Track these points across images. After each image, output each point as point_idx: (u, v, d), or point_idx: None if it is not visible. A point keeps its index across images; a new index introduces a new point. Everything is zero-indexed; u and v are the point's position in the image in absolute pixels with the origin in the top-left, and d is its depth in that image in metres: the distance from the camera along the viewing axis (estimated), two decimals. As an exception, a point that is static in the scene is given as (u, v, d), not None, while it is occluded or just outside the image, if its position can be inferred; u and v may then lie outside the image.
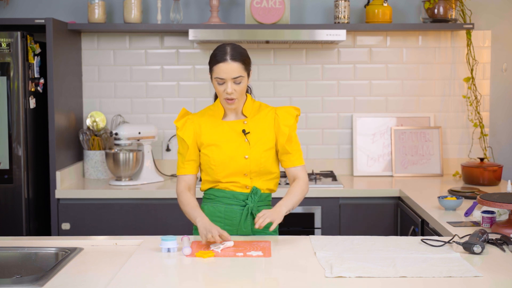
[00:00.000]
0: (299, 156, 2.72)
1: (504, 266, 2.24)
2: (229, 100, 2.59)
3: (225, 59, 2.54)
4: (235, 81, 2.56)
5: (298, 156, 2.72)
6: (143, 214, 3.83)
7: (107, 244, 2.57)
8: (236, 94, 2.58)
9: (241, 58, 2.57)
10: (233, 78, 2.55)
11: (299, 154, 2.72)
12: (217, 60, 2.56)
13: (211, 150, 2.66)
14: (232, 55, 2.55)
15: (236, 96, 2.59)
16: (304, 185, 2.71)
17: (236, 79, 2.56)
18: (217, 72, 2.56)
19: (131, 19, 4.17)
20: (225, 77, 2.55)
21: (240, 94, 2.60)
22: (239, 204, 2.69)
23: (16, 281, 2.10)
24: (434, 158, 4.35)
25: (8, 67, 3.71)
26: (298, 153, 2.72)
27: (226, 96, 2.58)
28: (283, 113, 2.70)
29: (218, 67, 2.55)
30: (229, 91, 2.56)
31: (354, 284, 2.06)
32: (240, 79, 2.57)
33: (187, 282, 2.11)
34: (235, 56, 2.56)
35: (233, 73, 2.55)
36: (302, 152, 2.75)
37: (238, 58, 2.56)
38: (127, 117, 4.40)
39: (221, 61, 2.55)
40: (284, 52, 4.39)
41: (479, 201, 2.72)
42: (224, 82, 2.57)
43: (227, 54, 2.55)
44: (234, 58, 2.55)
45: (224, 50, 2.57)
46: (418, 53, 4.40)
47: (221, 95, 2.60)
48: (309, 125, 4.43)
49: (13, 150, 3.75)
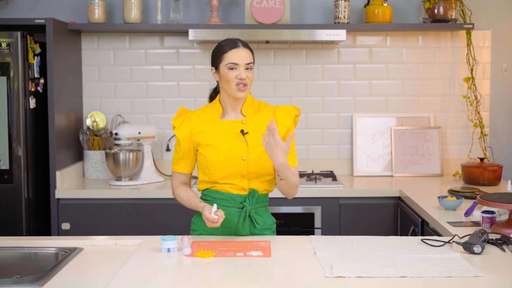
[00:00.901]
0: (292, 158, 2.67)
1: (504, 266, 2.24)
2: (241, 85, 2.62)
3: (238, 45, 2.63)
4: (247, 67, 2.63)
5: (291, 157, 2.67)
6: (143, 214, 3.83)
7: (107, 244, 2.57)
8: (248, 80, 2.63)
9: (250, 47, 2.68)
10: (246, 63, 2.62)
11: (292, 155, 2.68)
12: (227, 48, 2.63)
13: (208, 151, 2.65)
14: (243, 43, 2.66)
15: (248, 82, 2.63)
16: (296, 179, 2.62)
17: (248, 65, 2.63)
18: (229, 58, 2.61)
19: (131, 19, 4.17)
20: (238, 62, 2.61)
21: (251, 81, 2.65)
22: (237, 206, 2.68)
23: (16, 281, 2.10)
24: (434, 158, 4.35)
25: (8, 67, 3.71)
26: (292, 154, 2.68)
27: (238, 81, 2.61)
28: (282, 113, 2.70)
29: (230, 53, 2.62)
30: (243, 76, 2.60)
31: (354, 284, 2.06)
32: (251, 65, 2.64)
33: (187, 282, 2.11)
34: (245, 44, 2.66)
35: (246, 58, 2.62)
36: (296, 154, 2.73)
37: (248, 46, 2.67)
38: (127, 117, 4.40)
39: (234, 48, 2.62)
40: (284, 52, 4.39)
41: (479, 201, 2.72)
42: (236, 68, 2.61)
43: (238, 42, 2.65)
44: (246, 46, 2.66)
45: (233, 40, 2.66)
46: (418, 53, 4.40)
47: (232, 81, 2.61)
48: (309, 125, 4.43)
49: (13, 150, 3.75)
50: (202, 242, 2.55)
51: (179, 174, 2.76)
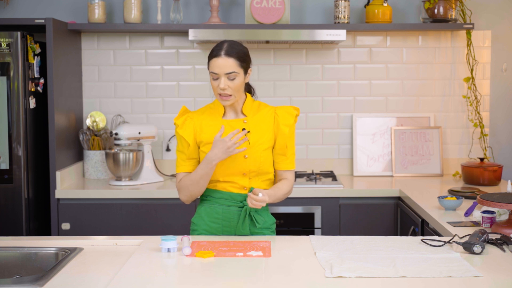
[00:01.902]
0: (292, 160, 2.74)
1: (504, 266, 2.24)
2: (222, 96, 2.60)
3: (220, 54, 2.57)
4: (228, 77, 2.57)
5: (292, 159, 2.74)
6: (143, 214, 3.83)
7: (107, 244, 2.57)
8: (230, 90, 2.58)
9: (237, 54, 2.58)
10: (226, 73, 2.57)
11: (293, 158, 2.74)
12: (212, 55, 2.59)
13: (210, 149, 2.65)
14: (227, 51, 2.57)
15: (231, 92, 2.59)
16: (291, 186, 2.74)
17: (230, 75, 2.57)
18: (212, 67, 2.58)
19: (131, 19, 4.17)
20: (218, 72, 2.57)
21: (235, 90, 2.60)
22: (237, 205, 2.68)
23: (16, 281, 2.10)
24: (434, 158, 4.35)
25: (8, 67, 3.71)
26: (293, 157, 2.74)
27: (219, 91, 2.59)
28: (283, 113, 2.71)
29: (212, 61, 2.58)
30: (222, 86, 2.57)
31: (354, 284, 2.06)
32: (234, 75, 2.57)
33: (187, 282, 2.11)
34: (229, 52, 2.57)
35: (226, 68, 2.56)
36: (295, 156, 2.77)
37: (233, 54, 2.57)
38: (127, 117, 4.40)
39: (215, 56, 2.58)
40: (284, 52, 4.39)
41: (479, 201, 2.72)
42: (218, 78, 2.58)
43: (223, 49, 2.58)
44: (228, 54, 2.57)
45: (220, 46, 2.60)
46: (418, 53, 4.40)
47: (215, 90, 2.61)
48: (309, 125, 4.43)
49: (13, 150, 3.75)
50: (202, 242, 2.55)
51: (184, 174, 2.70)
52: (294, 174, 2.78)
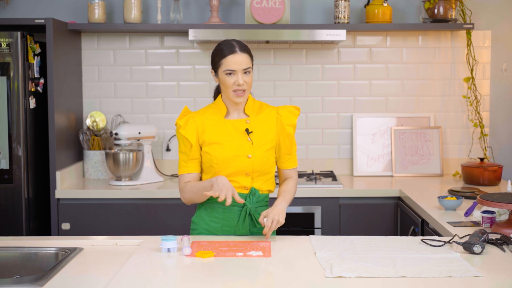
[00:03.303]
0: (296, 157, 2.81)
1: (504, 266, 2.24)
2: (239, 92, 2.62)
3: (235, 51, 2.61)
4: (245, 72, 2.62)
5: (295, 158, 2.81)
6: (143, 214, 3.83)
7: (107, 244, 2.57)
8: (246, 85, 2.63)
9: (248, 50, 2.66)
10: (244, 69, 2.61)
11: (295, 156, 2.81)
12: (225, 53, 2.61)
13: (213, 149, 2.65)
14: (240, 47, 2.63)
15: (246, 87, 2.63)
16: (296, 184, 2.82)
17: (246, 70, 2.62)
18: (227, 64, 2.60)
19: (131, 19, 4.17)
20: (236, 68, 2.60)
21: (249, 86, 2.65)
22: (237, 205, 2.68)
23: (16, 281, 2.10)
24: (434, 158, 4.35)
25: (8, 67, 3.71)
26: (295, 155, 2.81)
27: (236, 87, 2.61)
28: (286, 113, 2.72)
29: (227, 59, 2.60)
30: (240, 82, 2.60)
31: (354, 284, 2.06)
32: (249, 70, 2.63)
33: (187, 282, 2.11)
34: (242, 48, 2.63)
35: (243, 64, 2.61)
36: (296, 155, 2.83)
37: (245, 50, 2.64)
38: (127, 117, 4.40)
39: (231, 53, 2.60)
40: (284, 52, 4.39)
41: (479, 201, 2.72)
42: (234, 74, 2.61)
43: (235, 46, 2.62)
44: (242, 50, 2.62)
45: (231, 44, 2.63)
46: (418, 53, 4.40)
47: (230, 87, 2.62)
48: (309, 125, 4.43)
49: (13, 150, 3.75)
50: (202, 242, 2.55)
51: (188, 175, 2.69)
52: (297, 171, 2.84)
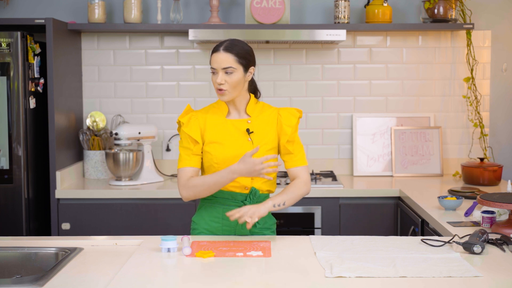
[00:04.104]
0: (301, 157, 2.73)
1: (504, 266, 2.24)
2: (219, 90, 2.63)
3: (218, 49, 2.62)
4: (225, 72, 2.60)
5: (300, 156, 2.73)
6: (143, 214, 3.83)
7: (107, 244, 2.57)
8: (226, 85, 2.61)
9: (236, 50, 2.61)
10: (223, 68, 2.60)
11: (301, 155, 2.73)
12: (212, 50, 2.64)
13: (214, 148, 2.65)
14: (226, 47, 2.61)
15: (227, 87, 2.61)
16: (302, 183, 2.70)
17: (227, 69, 2.60)
18: (211, 62, 2.64)
19: (131, 19, 4.17)
20: (216, 67, 2.61)
21: (232, 86, 2.62)
22: (238, 205, 2.68)
23: (16, 281, 2.10)
24: (434, 158, 4.35)
25: (8, 67, 3.71)
26: (301, 154, 2.73)
27: (216, 86, 2.63)
28: (286, 114, 2.72)
29: (212, 56, 2.64)
30: (218, 81, 2.60)
31: (354, 284, 2.06)
32: (231, 70, 2.60)
33: (187, 282, 2.11)
34: (229, 48, 2.61)
35: (223, 63, 2.60)
36: (305, 154, 2.75)
37: (232, 50, 2.61)
38: (127, 117, 4.40)
39: (214, 51, 2.63)
40: (284, 52, 4.39)
41: (479, 201, 2.72)
42: (216, 72, 2.62)
43: (222, 45, 2.62)
44: (227, 49, 2.60)
45: (222, 42, 2.65)
46: (418, 53, 4.40)
47: (214, 85, 2.65)
48: (309, 125, 4.43)
49: (13, 150, 3.75)
50: (202, 242, 2.55)
51: (190, 169, 2.64)
52: (306, 170, 2.73)
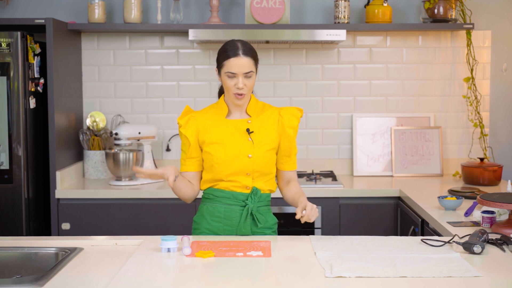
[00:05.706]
0: (295, 160, 2.82)
1: (504, 266, 2.24)
2: (238, 95, 2.62)
3: (238, 54, 2.60)
4: (246, 76, 2.61)
5: (295, 160, 2.81)
6: (143, 214, 3.83)
7: (107, 244, 2.57)
8: (246, 89, 2.62)
9: (252, 53, 2.64)
10: (245, 73, 2.60)
11: (295, 159, 2.82)
12: (228, 55, 2.61)
13: (214, 148, 2.66)
14: (244, 50, 2.61)
15: (246, 91, 2.63)
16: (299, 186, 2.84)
17: (247, 74, 2.61)
18: (229, 67, 2.60)
19: (131, 19, 4.17)
20: (237, 72, 2.60)
21: (249, 89, 2.65)
22: (239, 204, 2.69)
23: (16, 281, 2.10)
24: (434, 158, 4.35)
25: (8, 67, 3.71)
26: (295, 157, 2.81)
27: (236, 91, 2.62)
28: (287, 114, 2.73)
29: (230, 61, 2.60)
30: (240, 86, 2.60)
31: (354, 284, 2.06)
32: (251, 74, 2.62)
33: (187, 282, 2.11)
34: (246, 51, 2.62)
35: (245, 68, 2.60)
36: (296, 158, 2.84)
37: (249, 53, 2.62)
38: (127, 117, 4.40)
39: (233, 56, 2.60)
40: (284, 52, 4.39)
41: (479, 201, 2.72)
42: (235, 77, 2.61)
43: (239, 49, 2.61)
44: (245, 53, 2.61)
45: (235, 45, 2.63)
46: (418, 53, 4.40)
47: (230, 89, 2.63)
48: (309, 125, 4.43)
49: (13, 150, 3.75)
50: (202, 242, 2.55)
51: (186, 173, 2.73)
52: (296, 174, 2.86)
